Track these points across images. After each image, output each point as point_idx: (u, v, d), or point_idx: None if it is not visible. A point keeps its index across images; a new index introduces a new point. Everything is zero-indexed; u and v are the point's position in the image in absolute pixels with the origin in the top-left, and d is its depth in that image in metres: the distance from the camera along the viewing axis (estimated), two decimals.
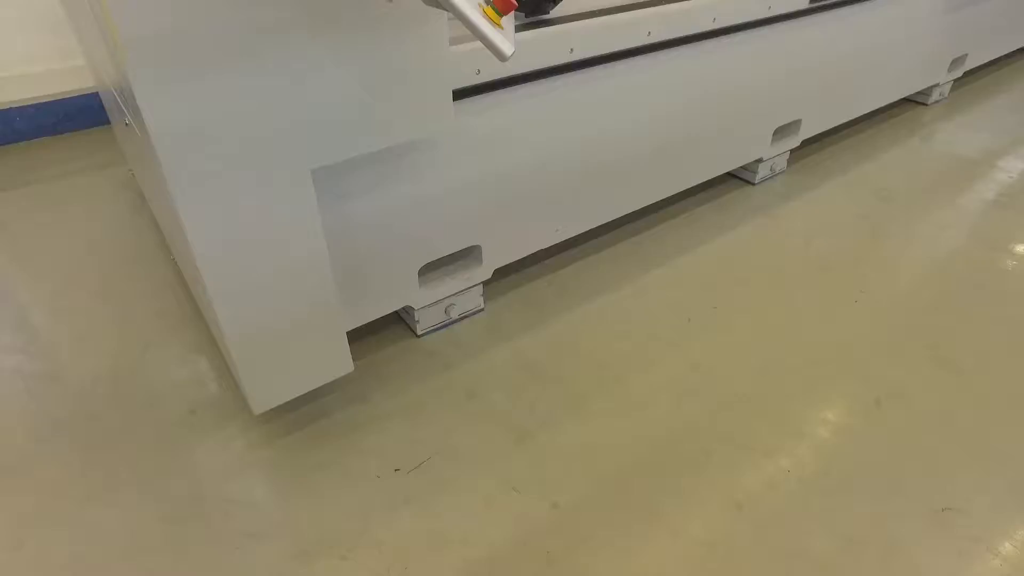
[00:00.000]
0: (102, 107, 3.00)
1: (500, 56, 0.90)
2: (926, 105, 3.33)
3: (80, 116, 3.13)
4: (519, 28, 1.53)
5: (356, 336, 1.68)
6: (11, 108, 2.96)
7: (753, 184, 2.56)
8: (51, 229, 2.35)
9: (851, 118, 2.86)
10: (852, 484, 1.38)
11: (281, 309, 1.31)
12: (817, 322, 1.85)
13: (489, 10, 0.90)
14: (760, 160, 2.49)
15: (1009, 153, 2.82)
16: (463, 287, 1.78)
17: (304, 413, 1.55)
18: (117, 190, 2.59)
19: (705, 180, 2.36)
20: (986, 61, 3.56)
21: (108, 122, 3.06)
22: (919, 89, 3.19)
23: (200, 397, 1.61)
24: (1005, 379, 1.65)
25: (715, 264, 2.10)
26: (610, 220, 2.09)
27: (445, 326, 1.82)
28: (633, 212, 2.17)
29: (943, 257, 2.14)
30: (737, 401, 1.59)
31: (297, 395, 1.47)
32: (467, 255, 1.78)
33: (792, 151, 2.64)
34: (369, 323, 1.64)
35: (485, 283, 1.84)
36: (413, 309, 1.72)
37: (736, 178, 2.60)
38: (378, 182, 1.44)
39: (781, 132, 2.50)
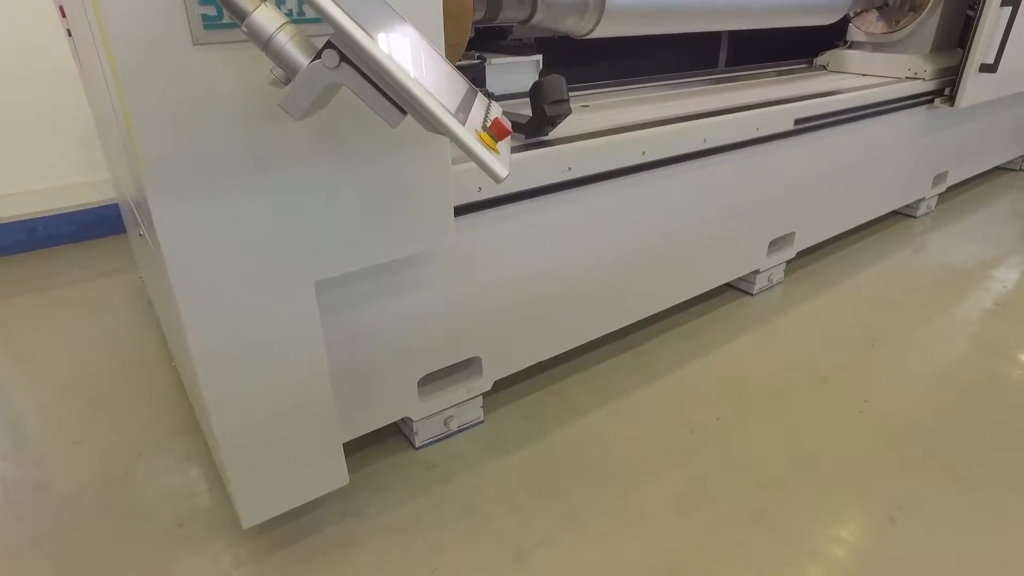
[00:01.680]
0: (120, 217, 3.12)
1: (495, 179, 0.95)
2: (915, 217, 3.43)
3: (99, 225, 3.25)
4: (521, 148, 1.62)
5: (352, 447, 1.65)
6: (34, 218, 3.08)
7: (752, 295, 2.59)
8: (57, 334, 2.37)
9: (844, 230, 2.95)
10: None
11: (278, 419, 1.30)
12: (822, 434, 1.81)
13: (485, 136, 0.97)
14: (757, 271, 2.54)
15: (1001, 263, 2.88)
16: (463, 399, 1.77)
17: (296, 527, 1.50)
18: (127, 296, 2.64)
19: (704, 291, 2.40)
20: (966, 177, 3.71)
21: (124, 231, 3.17)
22: (907, 203, 3.31)
23: (189, 508, 1.56)
24: (1020, 490, 1.60)
25: (717, 376, 2.09)
26: (609, 332, 2.10)
27: (444, 438, 1.79)
28: (632, 323, 2.18)
29: (945, 366, 2.13)
30: (744, 517, 1.53)
31: (290, 508, 1.42)
32: (467, 366, 1.78)
33: (789, 262, 2.70)
34: (366, 434, 1.61)
35: (485, 395, 1.83)
36: (412, 420, 1.70)
37: (735, 289, 2.64)
38: (379, 293, 1.47)
39: (776, 244, 2.57)
